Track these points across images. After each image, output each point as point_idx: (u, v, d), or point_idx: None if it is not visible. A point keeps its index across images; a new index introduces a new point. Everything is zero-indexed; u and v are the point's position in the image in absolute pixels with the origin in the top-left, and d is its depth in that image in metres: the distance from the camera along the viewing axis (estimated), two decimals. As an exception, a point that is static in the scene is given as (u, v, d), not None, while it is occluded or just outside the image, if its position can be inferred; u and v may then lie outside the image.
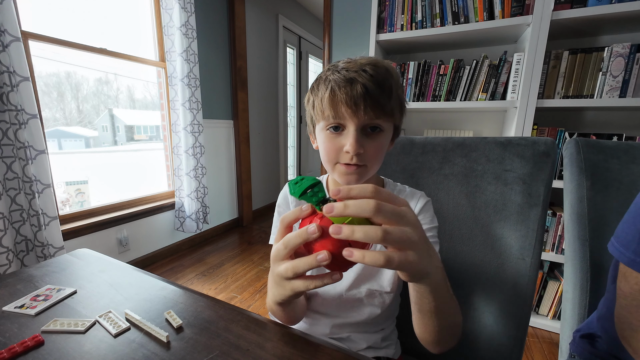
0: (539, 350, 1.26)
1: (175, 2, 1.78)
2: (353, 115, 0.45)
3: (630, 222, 0.39)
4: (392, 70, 0.47)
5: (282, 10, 3.10)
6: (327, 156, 0.49)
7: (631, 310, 0.37)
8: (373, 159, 0.48)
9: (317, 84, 0.49)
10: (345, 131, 0.46)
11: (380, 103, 0.44)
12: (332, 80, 0.46)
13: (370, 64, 0.45)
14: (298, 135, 3.84)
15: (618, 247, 0.39)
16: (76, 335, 0.35)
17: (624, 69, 1.11)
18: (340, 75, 0.45)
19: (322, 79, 0.48)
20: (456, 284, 0.61)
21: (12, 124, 1.19)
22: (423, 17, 1.39)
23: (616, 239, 0.41)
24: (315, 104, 0.48)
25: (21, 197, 1.25)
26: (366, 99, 0.43)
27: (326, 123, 0.47)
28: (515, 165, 0.57)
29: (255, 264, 2.01)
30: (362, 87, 0.43)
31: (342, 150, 0.47)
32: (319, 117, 0.48)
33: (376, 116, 0.45)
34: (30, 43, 1.34)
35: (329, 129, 0.48)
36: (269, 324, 0.38)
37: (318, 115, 0.48)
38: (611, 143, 0.60)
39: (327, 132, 0.48)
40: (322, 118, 0.48)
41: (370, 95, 0.43)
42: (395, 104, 0.47)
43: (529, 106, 1.23)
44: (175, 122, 1.96)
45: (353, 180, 0.49)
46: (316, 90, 0.48)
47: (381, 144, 0.48)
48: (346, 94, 0.44)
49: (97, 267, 0.50)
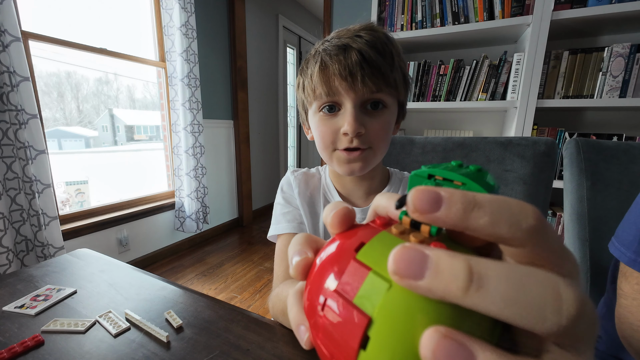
0: (539, 351, 1.26)
1: (176, 2, 1.78)
2: (349, 89, 0.37)
3: (631, 222, 0.39)
4: (391, 37, 0.40)
5: (282, 10, 3.10)
6: (323, 142, 0.41)
7: (632, 310, 0.37)
8: (378, 139, 0.40)
9: (307, 62, 0.41)
10: (342, 110, 0.39)
11: (381, 71, 0.37)
12: (322, 51, 0.38)
13: (365, 28, 0.38)
14: (298, 135, 3.84)
15: (619, 247, 0.40)
16: (76, 335, 0.35)
17: (624, 69, 1.11)
18: (331, 44, 0.38)
19: (312, 54, 0.41)
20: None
21: (12, 124, 1.19)
22: (423, 17, 1.39)
23: (617, 239, 0.41)
24: (305, 85, 0.41)
25: (21, 197, 1.24)
26: (363, 67, 0.36)
27: (319, 103, 0.40)
28: (516, 165, 0.57)
29: (255, 264, 2.01)
30: (357, 53, 0.36)
31: (339, 132, 0.39)
32: (310, 98, 0.41)
33: (377, 88, 0.37)
34: (31, 43, 1.34)
35: (322, 110, 0.40)
36: (269, 324, 0.38)
37: (309, 97, 0.41)
38: (611, 143, 0.60)
39: (321, 114, 0.40)
40: (313, 98, 0.40)
41: (368, 63, 0.36)
42: (398, 75, 0.39)
43: (529, 106, 1.23)
44: (175, 122, 1.96)
45: (357, 169, 0.41)
46: (305, 69, 0.41)
47: (386, 122, 0.40)
48: (339, 63, 0.36)
49: (97, 267, 0.50)
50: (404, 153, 0.67)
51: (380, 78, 0.37)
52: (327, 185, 0.51)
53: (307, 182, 0.51)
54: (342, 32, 0.39)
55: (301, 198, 0.50)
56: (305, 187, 0.50)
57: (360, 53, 0.36)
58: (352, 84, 0.36)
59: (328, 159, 0.42)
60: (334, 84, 0.37)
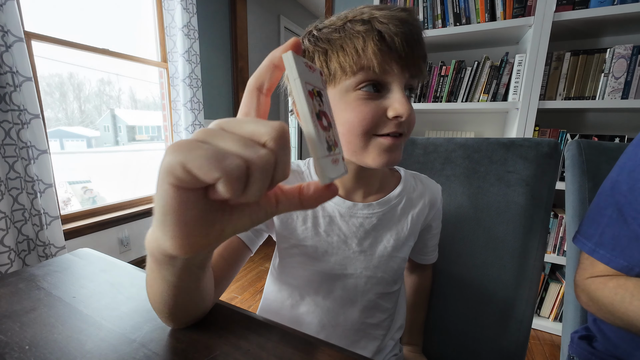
0: (540, 353, 1.26)
1: (177, 3, 1.79)
2: (405, 68, 0.33)
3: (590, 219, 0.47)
4: None
5: (284, 11, 3.10)
6: (362, 125, 0.34)
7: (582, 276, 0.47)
8: (412, 126, 0.37)
9: (333, 32, 0.34)
10: (388, 91, 0.34)
11: (425, 56, 0.35)
12: (375, 20, 0.32)
13: (405, 9, 0.34)
14: (299, 135, 3.84)
15: (580, 238, 0.47)
16: (77, 334, 0.35)
17: (626, 71, 1.11)
18: (387, 13, 0.32)
19: (349, 18, 0.34)
20: (458, 285, 0.61)
21: (15, 124, 1.19)
22: (424, 18, 1.39)
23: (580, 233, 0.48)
24: (338, 55, 0.34)
25: (23, 197, 1.25)
26: (418, 47, 0.33)
27: (360, 79, 0.34)
28: (519, 166, 0.57)
29: (255, 264, 2.01)
30: (416, 30, 0.32)
31: (383, 115, 0.34)
32: (348, 74, 0.34)
33: (423, 73, 0.35)
34: (33, 43, 1.35)
35: (364, 88, 0.34)
36: (270, 325, 0.38)
37: (344, 70, 0.34)
38: (613, 145, 0.60)
39: (360, 92, 0.34)
40: (354, 73, 0.34)
41: (420, 43, 0.33)
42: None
43: (531, 107, 1.23)
44: (176, 123, 1.96)
45: (398, 158, 0.37)
46: (330, 40, 0.34)
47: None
48: (402, 35, 0.31)
49: (98, 267, 0.50)
50: (406, 154, 0.67)
51: (424, 64, 0.35)
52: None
53: (290, 181, 0.46)
54: (377, 7, 0.33)
55: None
56: (285, 184, 0.46)
57: (416, 32, 0.32)
58: (408, 62, 0.33)
59: (360, 148, 0.36)
60: (388, 59, 0.32)
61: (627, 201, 0.41)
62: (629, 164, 0.42)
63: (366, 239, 0.46)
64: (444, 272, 0.62)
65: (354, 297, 0.48)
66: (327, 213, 0.46)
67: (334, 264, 0.46)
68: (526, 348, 0.57)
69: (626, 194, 0.41)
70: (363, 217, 0.46)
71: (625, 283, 0.40)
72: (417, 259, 0.58)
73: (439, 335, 0.62)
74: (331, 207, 0.46)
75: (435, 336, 0.62)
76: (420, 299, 0.61)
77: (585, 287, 0.45)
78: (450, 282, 0.62)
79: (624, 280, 0.40)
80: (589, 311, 0.46)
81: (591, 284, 0.44)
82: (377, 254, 0.47)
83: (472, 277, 0.60)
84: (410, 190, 0.49)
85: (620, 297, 0.39)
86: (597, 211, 0.45)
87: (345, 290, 0.47)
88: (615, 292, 0.40)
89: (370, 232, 0.46)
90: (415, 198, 0.49)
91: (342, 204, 0.46)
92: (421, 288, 0.61)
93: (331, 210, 0.46)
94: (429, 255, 0.57)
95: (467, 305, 0.60)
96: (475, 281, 0.59)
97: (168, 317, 0.32)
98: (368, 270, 0.47)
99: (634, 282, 0.39)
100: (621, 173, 0.43)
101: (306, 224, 0.46)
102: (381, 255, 0.47)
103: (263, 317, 0.39)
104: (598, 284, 0.43)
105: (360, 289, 0.48)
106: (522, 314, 0.56)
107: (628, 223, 0.40)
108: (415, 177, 0.52)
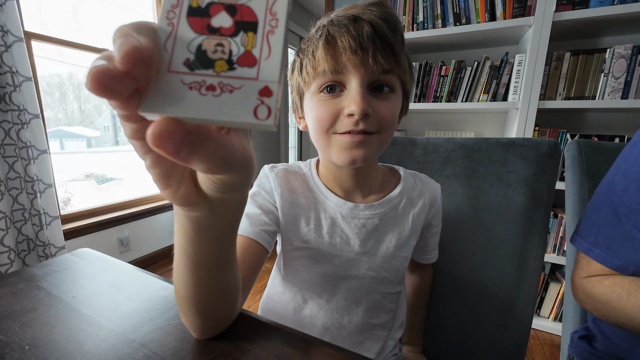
0: (540, 353, 1.26)
1: (177, 2, 1.79)
2: (359, 65, 0.33)
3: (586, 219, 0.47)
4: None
5: (284, 11, 3.10)
6: (320, 125, 0.36)
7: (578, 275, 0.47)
8: (386, 123, 0.36)
9: (307, 41, 0.38)
10: (346, 91, 0.35)
11: (393, 49, 0.33)
12: (328, 23, 0.34)
13: (374, 4, 0.34)
14: (299, 135, 3.84)
15: (577, 238, 0.48)
16: (77, 334, 0.35)
17: (626, 71, 1.11)
18: (339, 16, 0.34)
19: (313, 32, 0.37)
20: (458, 285, 0.61)
21: (15, 124, 1.19)
22: (424, 18, 1.39)
23: (577, 233, 0.48)
24: (304, 64, 0.37)
25: (23, 197, 1.25)
26: (375, 42, 0.32)
27: (320, 83, 0.36)
28: (518, 166, 0.57)
29: (255, 264, 2.00)
30: (369, 25, 0.32)
31: (340, 114, 0.35)
32: (309, 78, 0.36)
33: (389, 67, 0.33)
34: (33, 43, 1.35)
35: (322, 91, 0.36)
36: (270, 325, 0.38)
37: (308, 78, 0.36)
38: (613, 145, 0.60)
39: (320, 94, 0.36)
40: (313, 78, 0.36)
41: (380, 37, 0.32)
42: (405, 60, 0.36)
43: (531, 107, 1.23)
44: (176, 123, 1.96)
45: (359, 157, 0.36)
46: (305, 48, 0.37)
47: (393, 106, 0.36)
48: (348, 34, 0.32)
49: (98, 267, 0.50)
50: (406, 154, 0.67)
51: (392, 56, 0.33)
52: (317, 186, 0.47)
53: (289, 181, 0.47)
54: (348, 7, 0.34)
55: (283, 200, 0.45)
56: (288, 187, 0.46)
57: (372, 25, 0.32)
58: (362, 58, 0.32)
59: (324, 146, 0.37)
60: (341, 60, 0.33)
61: (621, 201, 0.41)
62: (624, 164, 0.43)
63: (369, 240, 0.47)
64: (444, 272, 0.62)
65: (358, 298, 0.48)
66: (329, 215, 0.46)
67: (338, 265, 0.46)
68: (526, 348, 0.57)
69: (620, 194, 0.41)
70: (365, 218, 0.46)
71: (621, 281, 0.40)
72: (418, 258, 0.58)
73: (439, 335, 0.62)
74: (333, 209, 0.46)
75: (435, 336, 0.62)
76: (420, 299, 0.61)
77: (581, 286, 0.45)
78: (450, 282, 0.62)
79: (620, 278, 0.41)
80: (585, 309, 0.46)
81: (587, 283, 0.44)
82: (380, 254, 0.47)
83: (472, 277, 0.60)
84: (410, 190, 0.50)
85: (616, 294, 0.40)
86: (593, 211, 0.46)
87: (349, 291, 0.47)
88: (611, 289, 0.40)
89: (373, 232, 0.47)
90: (415, 197, 0.49)
91: (343, 205, 0.46)
92: (421, 288, 0.61)
93: (333, 212, 0.46)
94: (430, 255, 0.57)
95: (467, 305, 0.60)
96: (475, 281, 0.59)
97: (195, 314, 0.29)
98: (372, 271, 0.47)
99: (630, 280, 0.40)
100: (617, 173, 0.43)
101: (309, 225, 0.46)
102: (384, 256, 0.47)
103: (263, 317, 0.39)
104: (594, 283, 0.43)
105: (364, 290, 0.48)
106: (522, 313, 0.56)
107: (622, 223, 0.41)
108: (414, 176, 0.52)
